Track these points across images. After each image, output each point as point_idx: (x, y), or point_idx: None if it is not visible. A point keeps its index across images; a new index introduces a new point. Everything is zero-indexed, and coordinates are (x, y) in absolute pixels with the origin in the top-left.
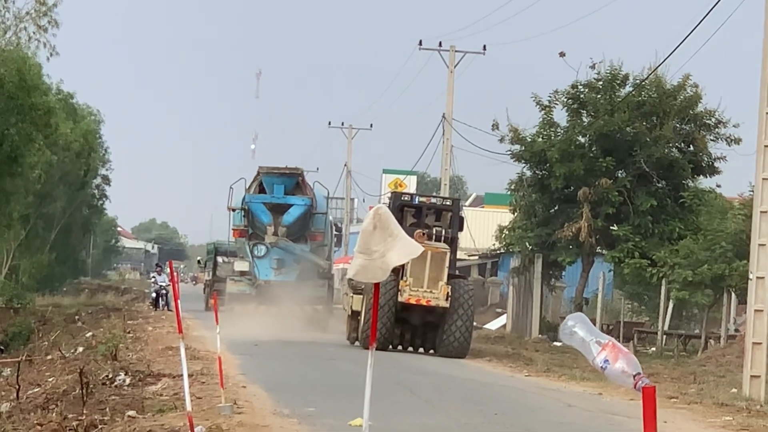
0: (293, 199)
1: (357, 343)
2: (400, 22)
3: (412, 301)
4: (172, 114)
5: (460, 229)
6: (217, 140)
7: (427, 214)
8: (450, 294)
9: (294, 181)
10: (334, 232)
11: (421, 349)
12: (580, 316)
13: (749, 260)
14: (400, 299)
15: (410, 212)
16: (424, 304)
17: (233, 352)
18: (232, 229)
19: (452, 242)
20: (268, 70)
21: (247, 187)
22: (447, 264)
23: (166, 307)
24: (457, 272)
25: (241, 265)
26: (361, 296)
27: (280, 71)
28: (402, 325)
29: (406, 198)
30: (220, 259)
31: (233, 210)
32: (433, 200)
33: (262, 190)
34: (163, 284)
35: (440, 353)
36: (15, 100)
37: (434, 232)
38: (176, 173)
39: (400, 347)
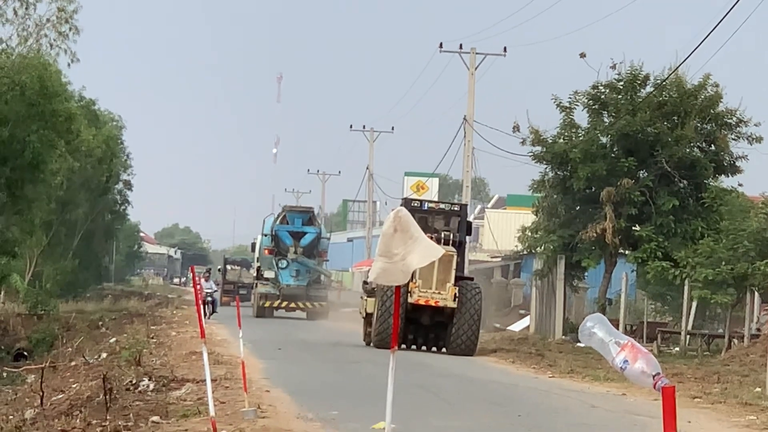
0: (308, 229)
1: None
2: (420, 25)
3: (422, 302)
4: (194, 119)
5: (468, 233)
6: (239, 144)
7: (437, 219)
8: (457, 295)
9: (308, 216)
10: None
11: (433, 348)
12: (599, 317)
13: None
14: (410, 300)
15: (420, 217)
16: (433, 304)
17: (257, 356)
18: (264, 248)
19: (460, 246)
20: (289, 74)
21: (275, 219)
22: (454, 266)
23: (212, 315)
24: (467, 274)
25: (268, 273)
26: (374, 299)
27: (301, 75)
28: (413, 325)
29: (415, 204)
30: (228, 267)
31: (265, 235)
32: (442, 206)
33: (284, 221)
34: (210, 291)
35: (449, 351)
36: (36, 107)
37: (442, 236)
38: (199, 178)
39: (413, 347)
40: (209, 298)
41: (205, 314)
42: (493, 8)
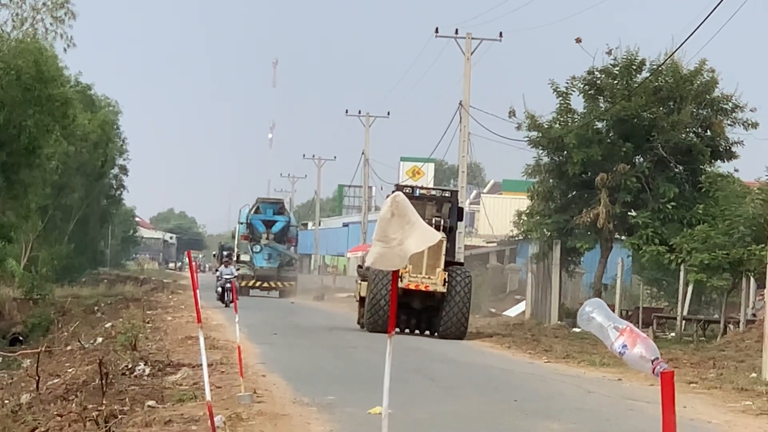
0: (278, 218)
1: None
2: (416, 10)
3: (412, 287)
4: (190, 103)
5: (459, 219)
6: (235, 129)
7: (428, 205)
8: (447, 280)
9: (278, 206)
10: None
11: (426, 332)
12: (597, 301)
13: (767, 244)
14: (400, 285)
15: (412, 203)
16: (423, 289)
17: (253, 341)
18: (241, 235)
19: (450, 231)
20: (284, 59)
21: (249, 209)
22: (444, 252)
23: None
24: (462, 259)
25: (244, 257)
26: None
27: (297, 60)
28: (404, 310)
29: (407, 190)
30: (224, 252)
31: (241, 224)
32: (433, 192)
33: (258, 211)
34: (229, 277)
35: (440, 336)
36: (32, 91)
37: (433, 221)
38: (194, 163)
39: (407, 330)
40: (228, 285)
41: (224, 300)
42: None
